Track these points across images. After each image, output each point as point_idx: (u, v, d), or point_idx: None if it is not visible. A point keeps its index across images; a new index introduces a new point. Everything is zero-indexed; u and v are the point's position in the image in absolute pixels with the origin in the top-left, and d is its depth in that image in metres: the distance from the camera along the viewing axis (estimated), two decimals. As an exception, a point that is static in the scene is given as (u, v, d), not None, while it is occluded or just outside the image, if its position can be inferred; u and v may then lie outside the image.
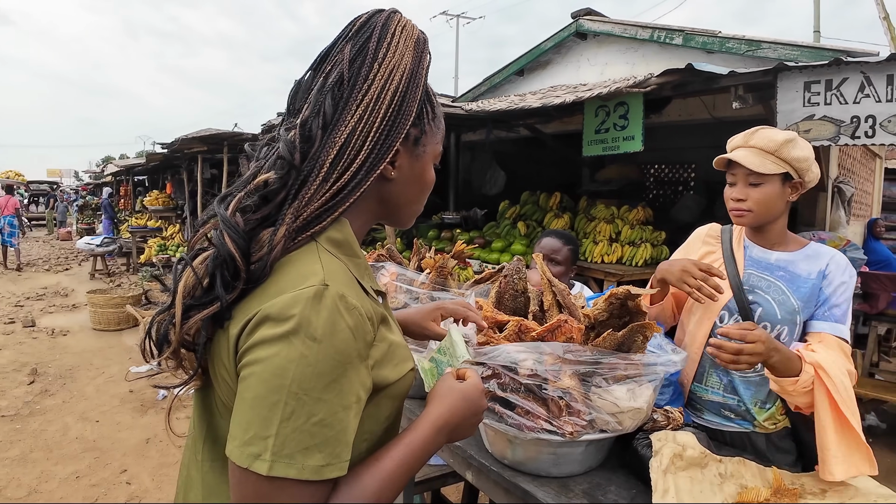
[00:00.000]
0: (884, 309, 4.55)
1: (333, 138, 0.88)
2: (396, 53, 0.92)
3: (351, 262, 0.91)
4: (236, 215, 0.86)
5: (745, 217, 1.80)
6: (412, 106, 0.94)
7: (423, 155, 1.00)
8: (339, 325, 0.79)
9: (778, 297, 1.77)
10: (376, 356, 0.87)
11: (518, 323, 1.55)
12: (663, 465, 1.45)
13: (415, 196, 1.03)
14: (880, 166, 9.04)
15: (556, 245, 2.64)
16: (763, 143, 1.73)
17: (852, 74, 3.49)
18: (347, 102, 0.89)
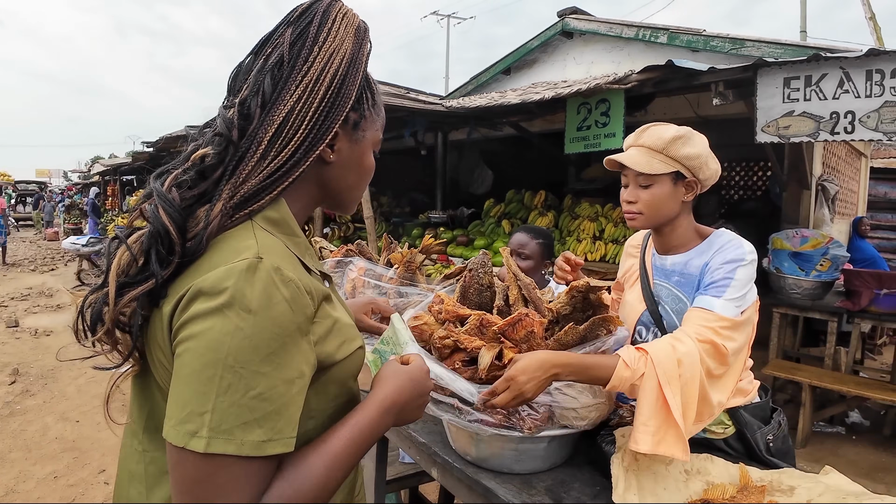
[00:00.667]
0: (866, 306, 4.54)
1: (272, 116, 0.88)
2: (337, 38, 0.93)
3: (290, 241, 0.91)
4: (172, 191, 0.85)
5: (637, 220, 1.71)
6: (351, 90, 0.94)
7: (362, 140, 1.00)
8: (274, 297, 0.77)
9: (675, 305, 1.69)
10: (319, 332, 0.86)
11: (479, 317, 1.52)
12: (625, 462, 1.42)
13: (354, 181, 1.03)
14: (866, 165, 9.08)
15: (525, 240, 2.63)
16: (651, 142, 1.65)
17: (831, 70, 3.49)
18: (287, 82, 0.90)
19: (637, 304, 1.78)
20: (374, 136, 1.03)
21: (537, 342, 1.46)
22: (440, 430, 1.77)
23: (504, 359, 1.43)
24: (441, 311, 1.55)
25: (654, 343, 1.45)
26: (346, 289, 2.05)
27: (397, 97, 6.61)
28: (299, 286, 0.82)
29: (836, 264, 4.74)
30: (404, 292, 1.95)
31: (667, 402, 1.36)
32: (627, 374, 1.38)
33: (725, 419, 1.73)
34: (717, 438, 1.74)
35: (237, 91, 0.93)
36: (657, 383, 1.37)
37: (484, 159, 9.63)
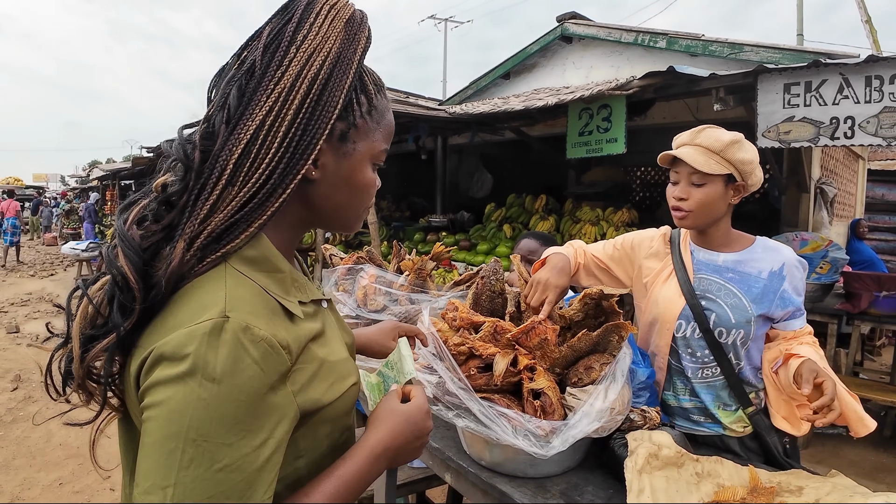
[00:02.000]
0: (866, 308, 4.57)
1: (237, 135, 0.77)
2: (318, 35, 0.81)
3: (271, 280, 0.82)
4: (133, 228, 0.76)
5: (687, 218, 1.76)
6: (336, 95, 0.82)
7: (352, 153, 0.87)
8: (242, 362, 0.69)
9: (731, 300, 1.74)
10: (301, 380, 0.79)
11: (493, 324, 1.54)
12: (638, 465, 1.45)
13: (346, 200, 0.90)
14: (863, 167, 9.13)
15: (534, 246, 2.65)
16: (709, 143, 1.69)
17: (831, 76, 3.53)
18: (255, 93, 0.78)
19: (676, 298, 1.80)
20: (372, 147, 0.90)
21: (551, 349, 1.49)
22: (452, 436, 1.79)
23: (518, 365, 1.46)
24: (455, 318, 1.58)
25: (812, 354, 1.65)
26: (358, 295, 2.07)
27: (401, 103, 6.64)
28: (272, 343, 0.73)
29: (835, 267, 4.78)
30: (415, 299, 1.97)
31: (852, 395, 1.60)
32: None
33: (745, 419, 1.79)
34: (734, 437, 1.81)
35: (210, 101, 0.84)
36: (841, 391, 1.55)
37: (483, 163, 9.67)
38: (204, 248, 0.76)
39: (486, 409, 1.40)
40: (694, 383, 1.81)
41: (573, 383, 1.52)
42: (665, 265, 1.88)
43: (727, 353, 1.75)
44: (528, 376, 1.48)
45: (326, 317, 0.94)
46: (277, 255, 0.84)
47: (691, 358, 1.80)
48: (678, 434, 1.63)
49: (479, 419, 1.41)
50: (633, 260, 1.97)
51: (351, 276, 2.18)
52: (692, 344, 1.79)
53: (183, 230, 0.75)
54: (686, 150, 1.72)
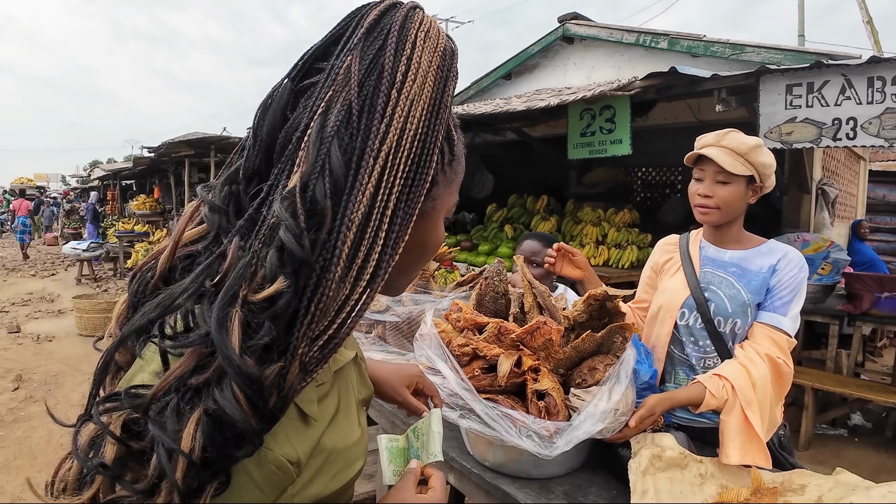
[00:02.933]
0: (867, 309, 4.57)
1: (350, 214, 0.58)
2: (419, 76, 0.63)
3: None
4: (244, 357, 0.53)
5: (711, 214, 1.85)
6: (433, 151, 0.65)
7: (431, 213, 0.72)
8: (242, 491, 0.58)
9: (729, 291, 1.84)
10: (303, 480, 0.66)
11: (498, 325, 1.55)
12: (642, 467, 1.45)
13: (413, 262, 0.75)
14: (864, 168, 9.13)
15: (536, 247, 2.65)
16: (734, 145, 1.78)
17: (833, 77, 3.53)
18: (363, 155, 0.59)
19: (681, 289, 1.91)
20: (448, 202, 0.74)
21: (555, 349, 1.49)
22: (456, 437, 1.79)
23: (523, 366, 1.46)
24: (459, 318, 1.58)
25: (731, 367, 1.71)
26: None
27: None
28: (281, 465, 0.61)
29: (837, 268, 4.78)
30: (419, 300, 1.97)
31: (749, 422, 1.63)
32: (714, 403, 1.65)
33: None
34: None
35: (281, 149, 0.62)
36: (740, 408, 1.64)
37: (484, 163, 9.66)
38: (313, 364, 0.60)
39: (491, 409, 1.40)
40: (698, 373, 1.85)
41: (577, 384, 1.53)
42: (674, 262, 2.01)
43: (727, 343, 1.83)
44: (533, 377, 1.48)
45: (346, 377, 0.82)
46: None
47: (694, 346, 1.88)
48: (681, 435, 1.64)
49: (484, 420, 1.41)
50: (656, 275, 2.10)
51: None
52: (695, 332, 1.87)
53: (296, 349, 0.57)
54: (713, 150, 1.80)
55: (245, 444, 0.54)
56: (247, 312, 0.54)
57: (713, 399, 1.64)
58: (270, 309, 0.55)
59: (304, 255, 0.56)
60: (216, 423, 0.52)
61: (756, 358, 1.72)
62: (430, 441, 0.99)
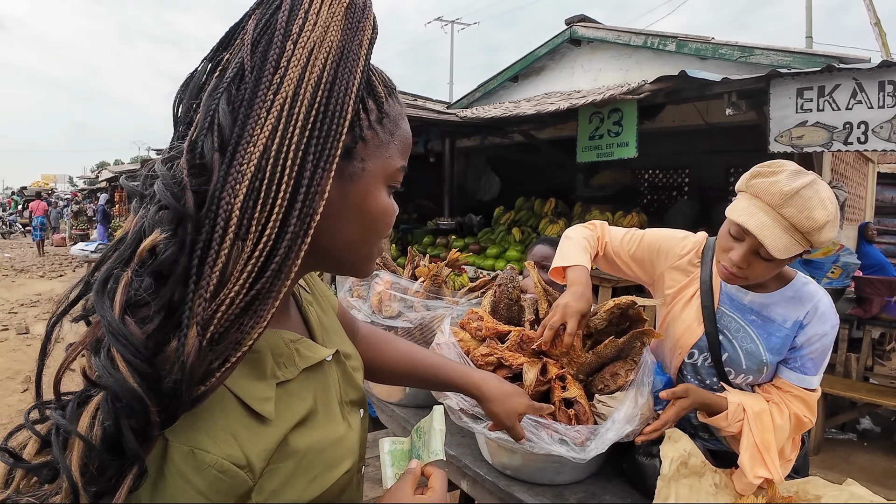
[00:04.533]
0: (877, 313, 4.56)
1: (238, 167, 0.56)
2: (318, 25, 0.61)
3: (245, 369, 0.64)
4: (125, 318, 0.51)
5: (737, 282, 1.56)
6: (345, 102, 0.62)
7: (361, 174, 0.69)
8: (182, 495, 0.55)
9: (747, 345, 1.61)
10: (272, 486, 0.63)
11: (520, 333, 1.55)
12: (670, 473, 1.44)
13: (358, 235, 0.72)
14: (873, 170, 9.09)
15: (548, 252, 2.64)
16: (798, 221, 1.37)
17: (844, 81, 3.52)
18: (252, 106, 0.58)
19: (695, 325, 1.67)
20: (386, 165, 0.71)
21: (577, 354, 1.49)
22: (469, 443, 1.79)
23: (548, 374, 1.46)
24: (481, 328, 1.58)
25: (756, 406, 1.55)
26: (373, 301, 2.08)
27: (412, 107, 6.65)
28: (225, 468, 0.57)
29: (847, 271, 4.76)
30: (431, 306, 1.97)
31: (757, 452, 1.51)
32: (723, 425, 1.55)
33: None
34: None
35: (188, 123, 0.61)
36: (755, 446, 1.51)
37: (491, 166, 9.67)
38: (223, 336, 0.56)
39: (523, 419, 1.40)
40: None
41: (600, 390, 1.53)
42: (690, 283, 1.72)
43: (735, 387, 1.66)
44: (560, 385, 1.48)
45: (326, 376, 0.79)
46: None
47: (699, 384, 1.71)
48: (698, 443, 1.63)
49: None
50: (655, 265, 1.81)
51: (366, 283, 2.18)
52: (702, 372, 1.71)
53: (192, 310, 0.53)
54: (767, 224, 1.40)
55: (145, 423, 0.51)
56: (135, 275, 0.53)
57: (724, 422, 1.53)
58: (152, 263, 0.53)
59: (178, 206, 0.54)
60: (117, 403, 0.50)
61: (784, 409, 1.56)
62: (431, 439, 0.95)
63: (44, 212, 19.46)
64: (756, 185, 1.45)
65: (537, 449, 1.38)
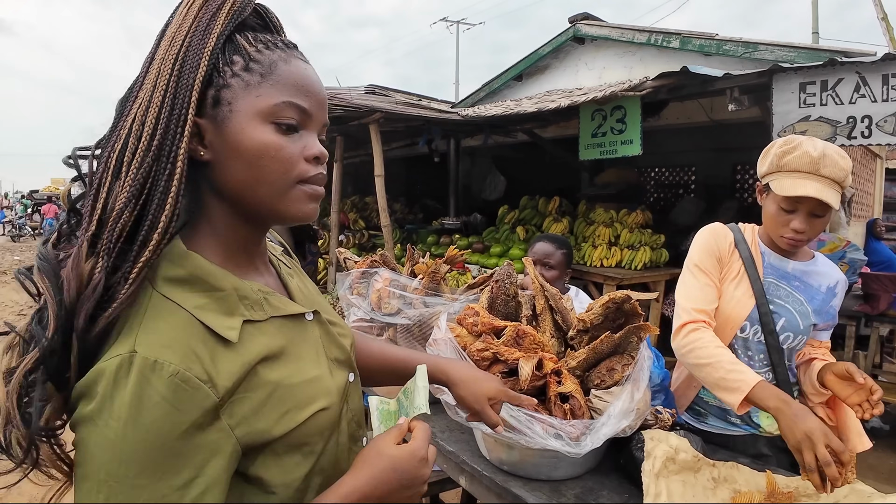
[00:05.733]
0: (885, 310, 4.53)
1: (118, 131, 0.75)
2: (176, 20, 0.79)
3: (210, 300, 0.77)
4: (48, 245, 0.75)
5: (800, 245, 1.74)
6: (196, 64, 0.77)
7: (230, 115, 0.79)
8: (148, 401, 0.66)
9: (798, 307, 1.77)
10: (242, 411, 0.74)
11: (515, 328, 1.55)
12: (656, 469, 1.44)
13: (248, 174, 0.80)
14: (881, 167, 9.04)
15: (549, 249, 2.64)
16: (835, 174, 1.61)
17: (847, 75, 3.49)
18: (132, 89, 0.78)
19: (746, 299, 1.78)
20: (256, 102, 0.80)
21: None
22: (467, 439, 1.79)
23: (543, 369, 1.46)
24: (476, 323, 1.58)
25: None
26: (372, 299, 2.08)
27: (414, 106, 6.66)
28: (186, 378, 0.68)
29: (853, 268, 4.73)
30: (430, 303, 1.98)
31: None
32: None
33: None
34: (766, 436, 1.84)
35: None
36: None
37: (496, 165, 9.67)
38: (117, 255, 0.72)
39: (517, 412, 1.40)
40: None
41: (596, 385, 1.53)
42: (732, 264, 1.83)
43: (784, 357, 1.78)
44: (556, 380, 1.48)
45: (305, 330, 0.90)
46: (214, 273, 0.79)
47: (748, 361, 1.80)
48: (695, 438, 1.62)
49: (510, 424, 1.40)
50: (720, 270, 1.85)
51: (365, 280, 2.19)
52: (752, 346, 1.81)
53: (84, 229, 0.72)
54: (816, 187, 1.61)
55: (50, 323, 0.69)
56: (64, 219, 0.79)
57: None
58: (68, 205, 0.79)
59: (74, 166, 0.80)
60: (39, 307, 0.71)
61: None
62: (415, 396, 0.99)
63: (54, 215, 20.93)
64: (790, 162, 1.65)
65: (532, 444, 1.37)
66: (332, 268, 6.98)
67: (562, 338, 1.68)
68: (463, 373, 1.23)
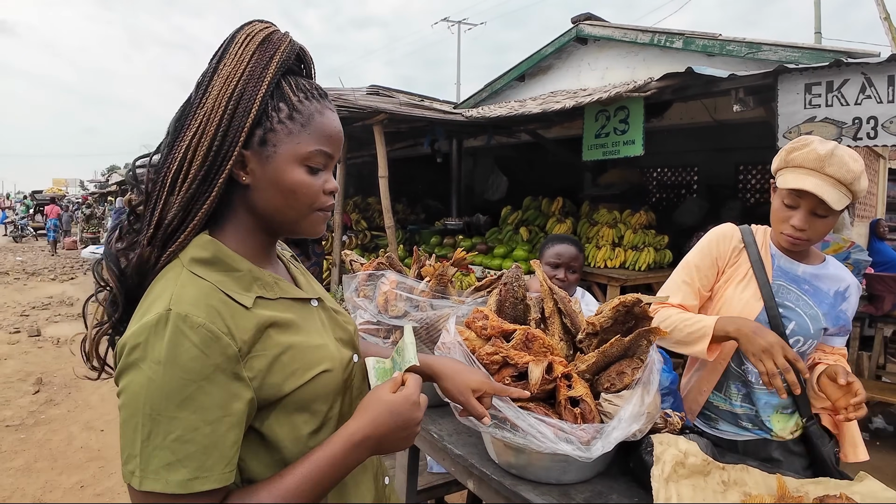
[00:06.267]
0: (889, 310, 4.53)
1: (174, 153, 0.94)
2: (233, 61, 0.94)
3: (228, 278, 0.94)
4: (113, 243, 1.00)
5: (802, 245, 1.73)
6: (249, 106, 0.93)
7: (274, 156, 0.96)
8: (182, 345, 0.82)
9: (808, 311, 1.75)
10: (259, 366, 0.90)
11: (525, 331, 1.55)
12: (665, 473, 1.43)
13: (281, 202, 0.99)
14: (884, 167, 9.00)
15: (573, 252, 2.54)
16: (841, 174, 1.57)
17: (853, 76, 3.48)
18: (186, 118, 0.94)
19: (754, 301, 1.76)
20: (295, 150, 0.97)
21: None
22: (475, 442, 1.79)
23: (553, 372, 1.45)
24: (486, 326, 1.58)
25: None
26: (379, 301, 2.07)
27: (417, 107, 6.65)
28: (210, 329, 0.84)
29: (857, 269, 4.71)
30: (437, 305, 1.97)
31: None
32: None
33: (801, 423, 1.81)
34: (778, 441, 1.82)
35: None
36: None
37: (498, 165, 9.66)
38: (162, 246, 0.94)
39: (527, 417, 1.39)
40: (754, 388, 1.80)
41: (605, 389, 1.52)
42: (739, 266, 1.83)
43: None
44: (566, 384, 1.48)
45: (312, 313, 1.06)
46: (233, 257, 0.96)
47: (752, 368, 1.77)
48: (704, 441, 1.62)
49: (521, 428, 1.39)
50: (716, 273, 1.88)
51: (372, 282, 2.18)
52: None
53: (145, 233, 0.94)
54: (816, 183, 1.59)
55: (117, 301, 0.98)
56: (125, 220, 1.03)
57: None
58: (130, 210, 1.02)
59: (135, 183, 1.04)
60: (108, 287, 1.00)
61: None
62: (405, 352, 1.10)
63: (57, 215, 21.84)
64: (796, 158, 1.64)
65: (542, 448, 1.37)
66: (335, 269, 6.97)
67: (571, 341, 1.68)
68: (447, 366, 1.31)
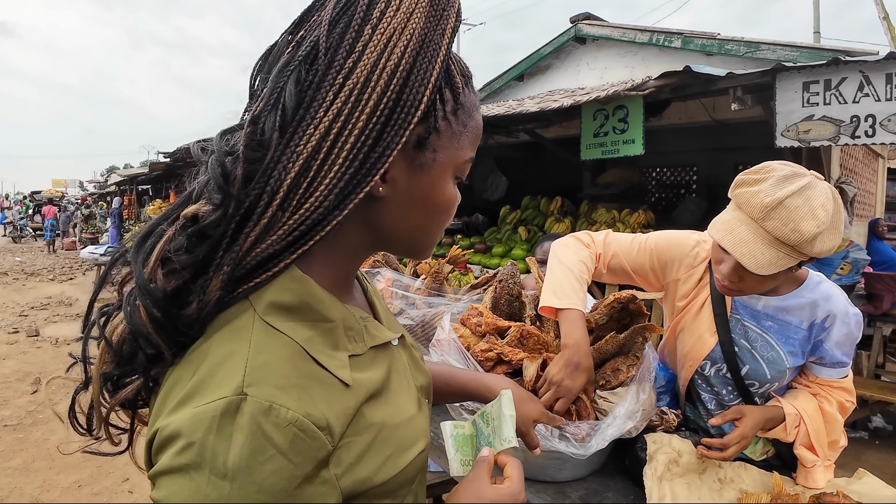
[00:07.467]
0: (888, 310, 4.52)
1: (295, 147, 0.59)
2: (400, 11, 0.61)
3: (316, 332, 0.64)
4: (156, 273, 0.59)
5: (734, 294, 1.49)
6: (420, 91, 0.62)
7: (431, 165, 0.68)
8: (262, 454, 0.53)
9: (768, 354, 1.53)
10: (349, 458, 0.61)
11: (520, 328, 1.54)
12: (658, 472, 1.43)
13: (421, 222, 0.71)
14: (883, 166, 9.01)
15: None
16: (783, 233, 1.27)
17: (851, 74, 3.48)
18: (320, 88, 0.60)
19: (708, 336, 1.58)
20: (456, 157, 0.70)
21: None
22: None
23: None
24: (480, 323, 1.57)
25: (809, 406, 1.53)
26: (374, 299, 2.07)
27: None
28: (305, 427, 0.56)
29: (856, 268, 4.71)
30: (433, 303, 1.97)
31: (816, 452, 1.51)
32: (782, 436, 1.53)
33: (768, 444, 1.68)
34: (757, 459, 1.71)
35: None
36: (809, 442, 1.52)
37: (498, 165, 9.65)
38: (238, 280, 0.61)
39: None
40: (710, 410, 1.68)
41: (601, 386, 1.51)
42: (700, 291, 1.62)
43: (753, 397, 1.59)
44: None
45: (395, 359, 0.77)
46: (325, 301, 0.66)
47: (710, 396, 1.66)
48: (698, 439, 1.61)
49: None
50: (665, 274, 1.69)
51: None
52: (714, 382, 1.63)
53: (220, 263, 0.59)
54: (748, 241, 1.31)
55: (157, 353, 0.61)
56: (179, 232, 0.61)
57: (783, 433, 1.50)
58: (193, 227, 0.61)
59: (224, 186, 0.59)
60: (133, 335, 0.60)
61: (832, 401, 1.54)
62: (501, 426, 0.91)
63: (53, 216, 21.96)
64: (739, 196, 1.37)
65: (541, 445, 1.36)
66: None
67: (566, 338, 1.67)
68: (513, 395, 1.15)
